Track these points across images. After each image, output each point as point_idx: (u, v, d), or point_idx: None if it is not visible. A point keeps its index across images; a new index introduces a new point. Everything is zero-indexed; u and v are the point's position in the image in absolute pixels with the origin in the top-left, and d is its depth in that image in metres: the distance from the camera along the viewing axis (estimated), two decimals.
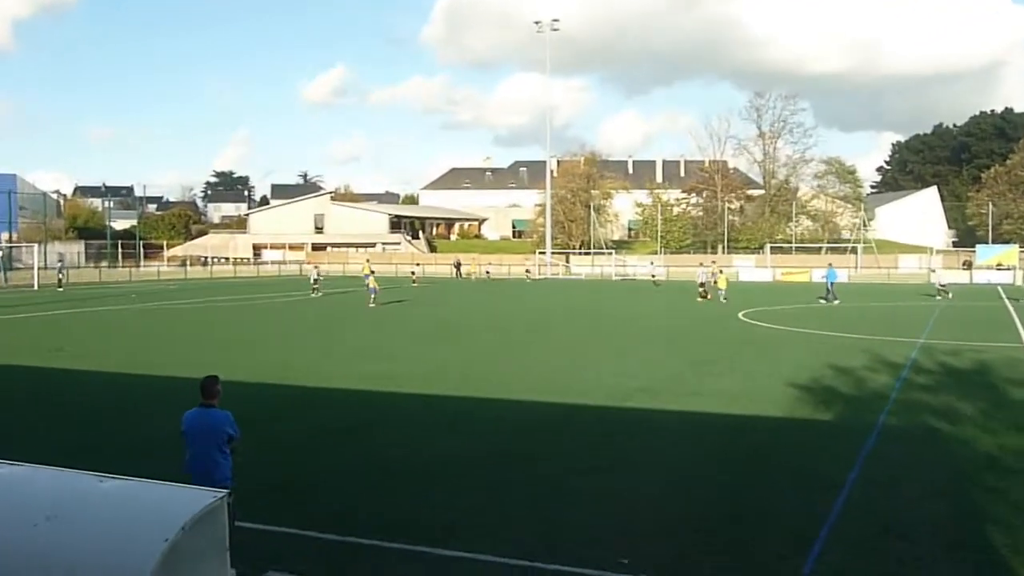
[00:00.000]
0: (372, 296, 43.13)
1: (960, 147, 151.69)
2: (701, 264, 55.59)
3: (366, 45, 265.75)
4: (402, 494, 10.70)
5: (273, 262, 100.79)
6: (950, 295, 50.86)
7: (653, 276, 74.03)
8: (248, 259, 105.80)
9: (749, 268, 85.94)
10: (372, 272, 46.87)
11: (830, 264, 54.22)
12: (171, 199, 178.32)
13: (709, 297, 47.23)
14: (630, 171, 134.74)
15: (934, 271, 59.32)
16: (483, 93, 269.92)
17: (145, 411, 15.89)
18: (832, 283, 47.97)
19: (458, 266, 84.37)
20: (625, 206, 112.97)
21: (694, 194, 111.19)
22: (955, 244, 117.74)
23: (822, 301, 46.14)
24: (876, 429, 14.11)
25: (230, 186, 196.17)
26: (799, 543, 8.92)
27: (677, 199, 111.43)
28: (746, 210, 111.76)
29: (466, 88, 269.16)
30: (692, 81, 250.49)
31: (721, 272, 52.30)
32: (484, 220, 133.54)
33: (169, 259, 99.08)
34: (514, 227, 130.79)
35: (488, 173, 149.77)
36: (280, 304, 45.37)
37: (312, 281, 52.66)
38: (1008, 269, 76.77)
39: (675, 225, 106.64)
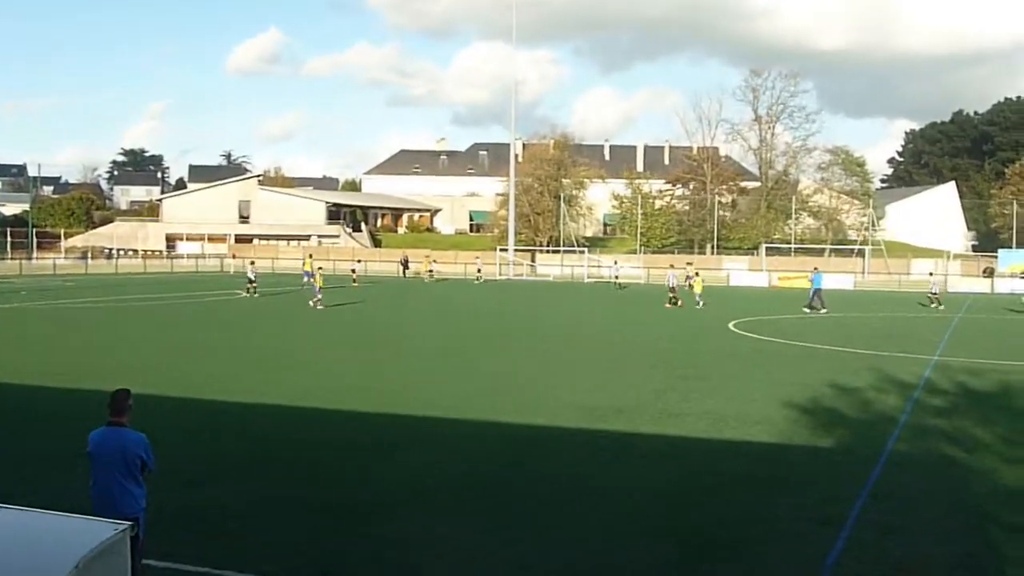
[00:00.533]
0: (316, 296, 43.18)
1: (982, 138, 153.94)
2: (671, 266, 56.46)
3: (303, 5, 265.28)
4: (331, 529, 10.64)
5: (190, 256, 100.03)
6: (936, 305, 52.39)
7: (616, 278, 74.98)
8: (161, 252, 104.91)
9: (742, 271, 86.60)
10: (320, 268, 46.77)
11: (815, 268, 55.63)
12: (71, 180, 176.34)
13: (681, 304, 47.80)
14: (606, 157, 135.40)
15: (932, 274, 61.44)
16: (438, 65, 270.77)
17: (40, 428, 15.70)
18: (817, 290, 49.21)
19: (405, 263, 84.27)
20: (600, 197, 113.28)
21: (680, 185, 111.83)
22: (975, 248, 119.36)
23: (806, 310, 47.18)
24: (883, 457, 14.27)
25: (140, 166, 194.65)
26: None
27: (660, 191, 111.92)
28: (739, 205, 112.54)
29: (419, 58, 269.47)
30: (679, 55, 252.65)
31: (697, 274, 53.20)
32: (437, 211, 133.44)
33: (67, 251, 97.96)
34: (472, 219, 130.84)
35: (442, 157, 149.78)
36: (202, 305, 45.00)
37: (248, 281, 52.05)
38: None
39: (657, 220, 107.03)
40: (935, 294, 53.89)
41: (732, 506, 11.70)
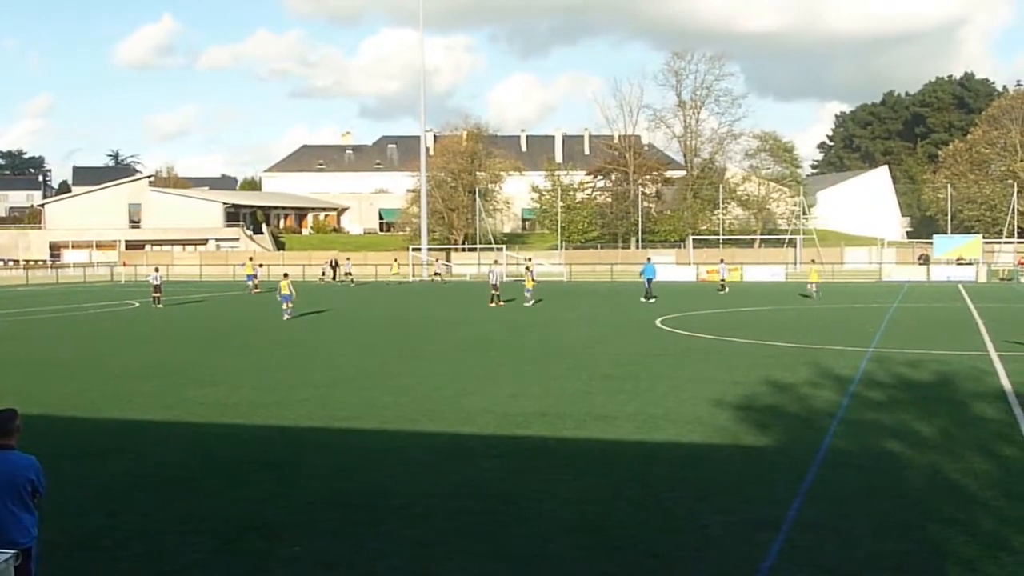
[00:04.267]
0: (286, 306, 40.94)
1: (914, 119, 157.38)
2: (495, 262, 57.62)
3: None
4: (241, 553, 10.53)
5: (76, 265, 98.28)
6: (726, 290, 59.93)
7: (437, 274, 78.18)
8: (44, 261, 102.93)
9: (669, 265, 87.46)
10: (286, 275, 44.22)
11: (648, 259, 58.25)
12: None
13: (502, 304, 48.85)
14: (523, 148, 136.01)
15: (722, 261, 67.66)
16: (344, 53, 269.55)
17: None
18: (649, 279, 52.17)
19: (335, 266, 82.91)
20: (518, 191, 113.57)
21: (601, 176, 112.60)
22: (910, 235, 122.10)
23: (652, 300, 50.08)
24: (820, 455, 14.49)
25: (20, 169, 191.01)
26: None
27: (581, 182, 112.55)
28: (664, 195, 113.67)
29: (323, 47, 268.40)
30: (600, 39, 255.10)
31: (528, 270, 54.87)
32: (344, 209, 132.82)
33: None
34: (381, 218, 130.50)
35: (348, 152, 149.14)
36: (91, 317, 44.22)
37: (153, 288, 50.91)
38: (970, 264, 79.77)
39: (579, 214, 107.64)
40: (723, 279, 62.10)
41: (665, 513, 11.79)
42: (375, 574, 9.81)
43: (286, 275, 43.53)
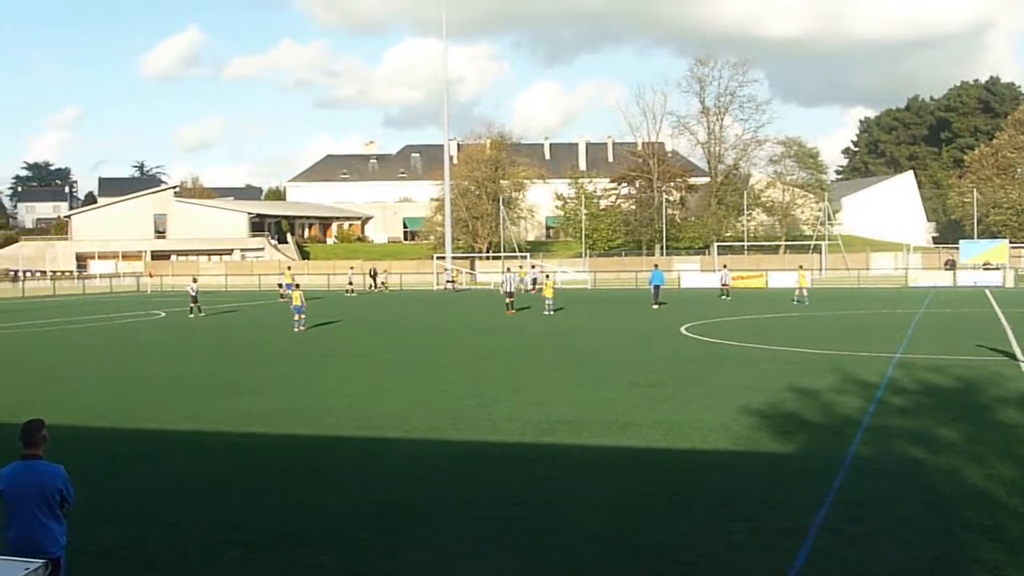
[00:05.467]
0: (298, 317, 39.70)
1: (939, 124, 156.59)
2: (508, 270, 57.38)
3: (223, 2, 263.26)
4: (269, 562, 10.57)
5: (103, 276, 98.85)
6: (725, 296, 60.00)
7: (449, 282, 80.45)
8: (71, 272, 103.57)
9: (694, 272, 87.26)
10: (297, 285, 43.35)
11: (656, 265, 58.35)
12: None
13: (513, 312, 48.35)
14: (547, 156, 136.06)
15: (725, 267, 67.54)
16: (368, 63, 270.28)
17: None
18: (656, 286, 52.41)
19: (374, 275, 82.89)
20: (542, 199, 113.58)
21: (625, 183, 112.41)
22: (936, 240, 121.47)
23: (654, 307, 50.32)
24: (846, 462, 14.42)
25: (46, 181, 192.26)
26: None
27: (605, 190, 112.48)
28: (688, 202, 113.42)
29: (347, 57, 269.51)
30: (624, 46, 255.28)
31: (548, 278, 54.74)
32: (368, 219, 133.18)
33: None
34: (406, 226, 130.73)
35: (372, 161, 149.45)
36: (118, 328, 44.46)
37: (192, 299, 51.00)
38: (996, 268, 79.26)
39: (603, 222, 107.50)
40: (725, 285, 62.14)
41: (690, 520, 11.77)
42: None
43: (298, 286, 43.15)
